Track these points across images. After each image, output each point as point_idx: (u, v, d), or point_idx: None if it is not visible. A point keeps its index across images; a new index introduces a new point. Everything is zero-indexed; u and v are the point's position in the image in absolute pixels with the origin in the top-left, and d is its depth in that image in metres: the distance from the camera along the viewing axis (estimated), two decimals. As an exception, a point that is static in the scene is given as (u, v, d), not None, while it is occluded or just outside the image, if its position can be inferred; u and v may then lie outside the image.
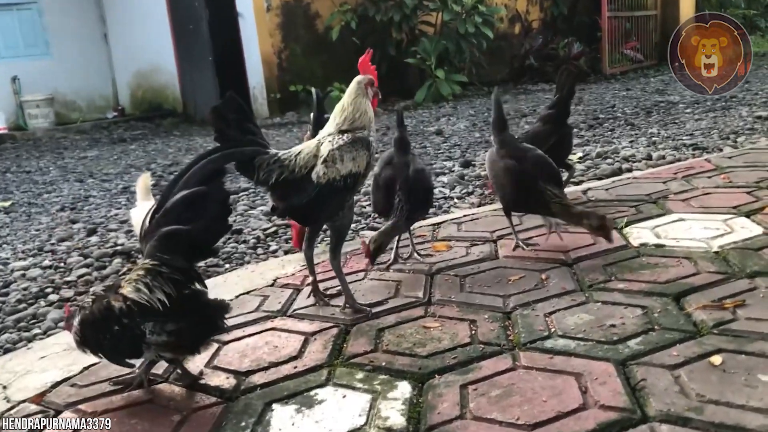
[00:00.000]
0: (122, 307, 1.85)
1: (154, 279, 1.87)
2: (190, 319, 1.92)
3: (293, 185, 2.24)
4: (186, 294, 1.91)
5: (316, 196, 2.23)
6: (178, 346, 1.95)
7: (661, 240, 2.68)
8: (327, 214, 2.32)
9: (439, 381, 1.83)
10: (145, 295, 1.85)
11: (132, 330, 1.87)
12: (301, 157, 2.26)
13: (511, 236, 2.92)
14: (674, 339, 1.88)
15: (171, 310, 1.86)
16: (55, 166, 8.93)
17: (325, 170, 2.22)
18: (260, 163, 2.22)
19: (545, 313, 2.15)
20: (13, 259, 4.30)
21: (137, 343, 1.89)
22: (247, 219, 4.59)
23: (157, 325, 1.88)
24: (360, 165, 2.27)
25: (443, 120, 9.16)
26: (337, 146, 2.25)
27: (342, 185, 2.24)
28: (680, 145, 5.45)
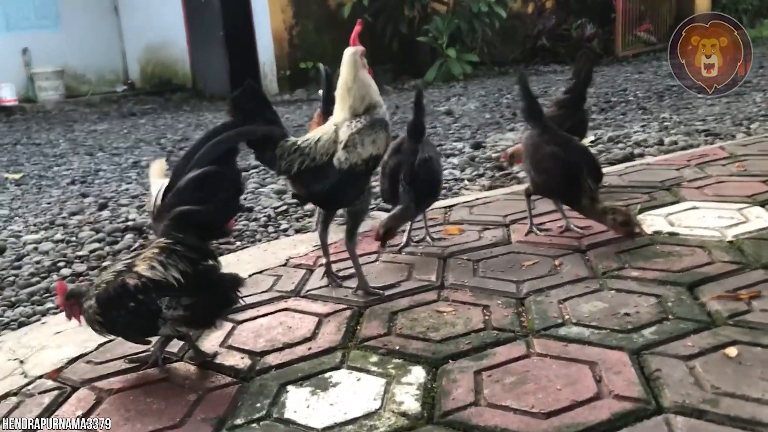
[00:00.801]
0: (137, 284, 1.86)
1: (169, 257, 1.88)
2: (205, 293, 1.93)
3: (315, 173, 2.23)
4: (200, 270, 1.92)
5: (338, 181, 2.22)
6: (194, 320, 1.95)
7: (675, 228, 2.66)
8: (349, 198, 2.31)
9: (453, 366, 1.84)
10: (159, 272, 1.86)
11: (148, 305, 1.87)
12: (321, 144, 2.24)
13: (523, 221, 2.91)
14: (688, 329, 1.88)
15: (186, 285, 1.87)
16: (65, 139, 8.93)
17: (347, 155, 2.21)
18: (281, 153, 2.22)
19: (559, 299, 2.15)
20: (25, 232, 4.32)
21: (153, 319, 1.90)
22: (258, 197, 4.59)
23: (173, 300, 1.88)
24: (380, 147, 2.26)
25: (453, 100, 9.10)
26: (357, 130, 2.23)
27: (363, 169, 2.23)
28: (693, 131, 5.42)
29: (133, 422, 1.76)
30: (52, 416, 1.84)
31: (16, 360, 2.23)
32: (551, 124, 2.86)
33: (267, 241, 3.60)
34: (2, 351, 2.32)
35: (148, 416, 1.78)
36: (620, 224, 2.55)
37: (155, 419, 1.76)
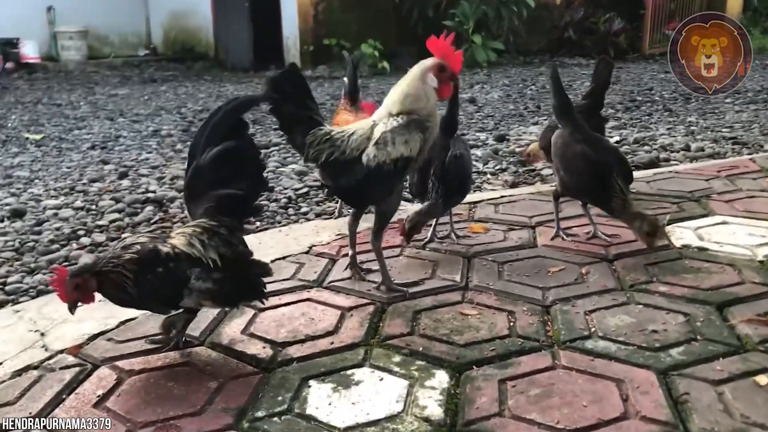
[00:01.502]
0: (169, 252, 1.85)
1: (211, 239, 1.90)
2: (235, 273, 1.94)
3: (343, 166, 2.21)
4: (237, 252, 1.94)
5: (365, 178, 2.19)
6: (220, 296, 1.94)
7: (704, 243, 2.63)
8: (374, 198, 2.29)
9: (477, 373, 1.82)
10: (197, 251, 1.87)
11: (177, 274, 1.86)
12: (354, 139, 2.21)
13: (549, 224, 2.89)
14: (718, 352, 1.86)
15: (221, 266, 1.88)
16: (86, 102, 8.92)
17: (376, 153, 2.17)
18: (312, 141, 2.20)
19: (585, 310, 2.13)
20: (45, 197, 4.33)
21: (179, 288, 1.88)
22: (279, 177, 4.57)
23: (204, 272, 1.88)
24: (412, 149, 2.19)
25: (477, 88, 9.03)
26: (390, 128, 2.18)
27: (392, 169, 2.17)
28: (719, 138, 5.35)
29: (154, 406, 1.76)
30: (73, 393, 1.84)
31: (37, 332, 2.23)
32: (582, 123, 2.82)
33: (287, 223, 3.59)
34: (23, 321, 2.32)
35: (168, 401, 1.78)
36: (646, 233, 2.51)
37: (175, 405, 1.76)
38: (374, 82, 10.07)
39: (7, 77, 11.71)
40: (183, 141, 6.15)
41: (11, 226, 3.73)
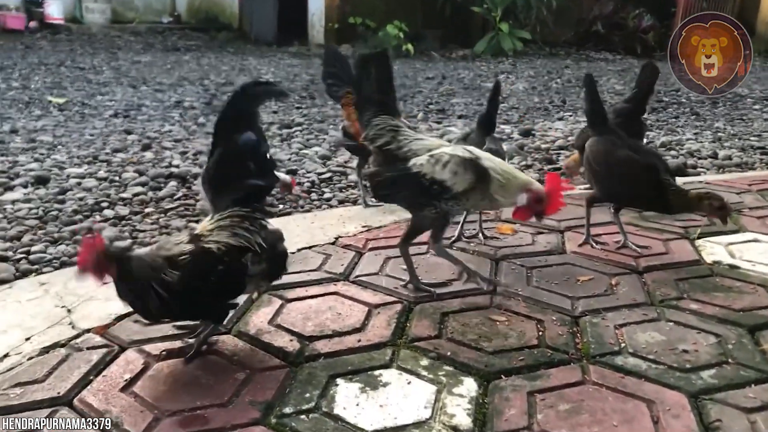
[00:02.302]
0: (220, 248, 1.84)
1: (252, 224, 1.91)
2: (273, 253, 1.97)
3: (392, 158, 2.21)
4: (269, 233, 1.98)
5: (401, 177, 2.18)
6: (272, 274, 2.00)
7: (736, 261, 2.60)
8: (400, 200, 2.27)
9: (505, 383, 1.81)
10: (244, 239, 1.87)
11: (235, 265, 1.87)
12: (417, 142, 2.20)
13: (577, 229, 2.87)
14: (749, 378, 1.84)
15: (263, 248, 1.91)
16: (109, 67, 8.91)
17: (424, 162, 2.15)
18: (378, 124, 2.22)
19: (615, 324, 2.11)
20: (68, 164, 4.33)
21: (242, 277, 1.90)
22: (302, 159, 4.55)
23: (255, 256, 1.90)
24: (455, 183, 2.12)
25: (502, 77, 8.96)
26: (452, 153, 2.15)
27: (426, 185, 2.13)
28: (747, 147, 5.29)
29: (180, 395, 1.76)
30: (100, 375, 1.85)
31: (64, 308, 2.23)
32: (616, 128, 2.78)
33: (310, 208, 3.58)
34: (49, 296, 2.32)
35: (195, 390, 1.78)
36: (717, 209, 2.52)
37: (202, 395, 1.76)
38: (397, 64, 10.01)
39: (31, 36, 11.70)
40: (205, 114, 6.13)
41: (35, 193, 3.74)
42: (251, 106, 2.00)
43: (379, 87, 2.24)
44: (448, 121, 6.08)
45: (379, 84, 2.24)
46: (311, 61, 10.14)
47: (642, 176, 2.56)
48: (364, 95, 2.27)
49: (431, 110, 6.54)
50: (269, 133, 5.33)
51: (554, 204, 2.13)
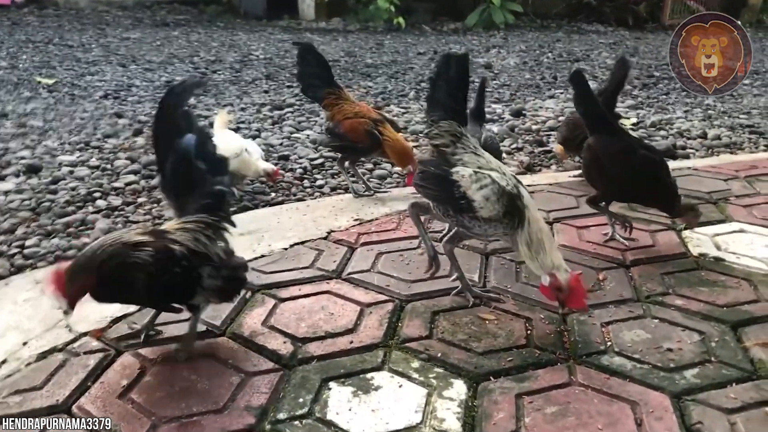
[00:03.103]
0: (184, 252, 1.87)
1: (214, 233, 1.95)
2: (232, 269, 2.00)
3: (440, 157, 2.22)
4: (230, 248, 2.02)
5: (439, 176, 2.19)
6: (224, 293, 2.01)
7: (721, 253, 2.64)
8: (423, 189, 2.27)
9: (494, 385, 1.85)
10: (202, 246, 1.91)
11: (191, 273, 1.89)
12: (473, 157, 2.20)
13: (567, 220, 2.90)
14: (731, 377, 1.88)
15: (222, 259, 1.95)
16: (98, 44, 8.82)
17: (464, 174, 2.14)
18: (442, 125, 2.22)
19: (602, 322, 2.15)
20: (60, 151, 4.32)
21: (194, 287, 1.92)
22: (294, 144, 4.54)
23: (214, 270, 1.92)
24: (482, 207, 2.11)
25: (493, 52, 8.91)
26: (498, 178, 2.12)
27: (457, 196, 2.14)
28: (736, 125, 5.31)
29: (177, 401, 1.79)
30: (98, 381, 1.88)
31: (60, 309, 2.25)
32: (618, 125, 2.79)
33: (302, 196, 3.59)
34: (45, 295, 2.34)
35: (191, 396, 1.82)
36: (694, 219, 2.68)
37: (199, 400, 1.80)
38: (389, 39, 9.94)
39: (17, 12, 11.54)
40: (196, 95, 6.09)
41: (27, 182, 3.74)
42: (179, 106, 2.02)
43: (452, 90, 2.23)
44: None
45: (454, 87, 2.23)
46: (302, 36, 10.05)
47: (653, 174, 2.60)
48: (435, 95, 2.26)
49: (423, 88, 6.50)
50: (260, 116, 5.32)
51: (575, 302, 2.07)
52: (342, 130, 3.31)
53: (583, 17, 11.87)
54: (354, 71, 7.35)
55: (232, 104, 5.69)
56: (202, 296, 1.97)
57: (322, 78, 3.46)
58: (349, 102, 3.42)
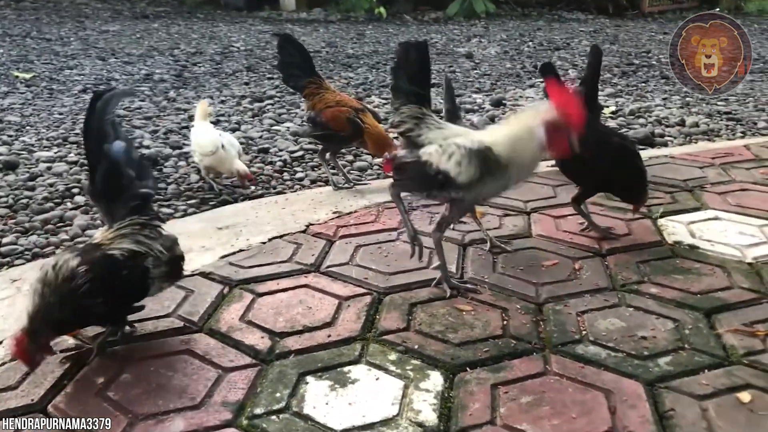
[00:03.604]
0: (124, 254, 1.91)
1: (151, 232, 2.00)
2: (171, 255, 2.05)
3: (410, 143, 2.25)
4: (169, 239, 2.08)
5: (411, 163, 2.23)
6: (172, 276, 2.09)
7: (696, 240, 2.66)
8: (405, 182, 2.31)
9: (470, 376, 1.86)
10: (145, 246, 1.95)
11: (138, 270, 1.94)
12: (437, 132, 2.22)
13: (544, 210, 2.91)
14: (704, 363, 1.90)
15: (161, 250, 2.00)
16: (77, 38, 8.73)
17: (431, 152, 2.17)
18: (405, 111, 2.25)
19: (578, 311, 2.17)
20: (38, 147, 4.28)
21: (145, 280, 1.97)
22: (274, 136, 4.52)
23: (156, 260, 1.97)
24: (459, 173, 2.12)
25: (474, 41, 8.90)
26: (461, 143, 2.14)
27: (431, 173, 2.16)
28: (714, 112, 5.34)
29: (155, 398, 1.79)
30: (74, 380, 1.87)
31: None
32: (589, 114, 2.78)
33: (282, 189, 3.58)
34: (21, 294, 2.33)
35: (168, 392, 1.81)
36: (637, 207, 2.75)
37: (176, 397, 1.80)
38: (370, 29, 9.90)
39: (-6, 5, 11.39)
40: (176, 88, 6.06)
41: (4, 179, 3.70)
42: (107, 113, 2.03)
43: (412, 76, 2.26)
44: (420, 91, 6.04)
45: (414, 73, 2.27)
46: (283, 27, 9.99)
47: (639, 164, 2.63)
48: (397, 84, 2.30)
49: (403, 79, 6.49)
50: (240, 108, 5.29)
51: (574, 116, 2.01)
52: (323, 119, 3.30)
53: (564, 5, 11.88)
54: (335, 62, 7.33)
55: (212, 97, 5.66)
56: (155, 287, 2.03)
57: (303, 68, 3.45)
58: (330, 91, 3.41)
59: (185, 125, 4.70)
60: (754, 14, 11.72)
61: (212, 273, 2.44)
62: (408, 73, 2.27)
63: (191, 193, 3.51)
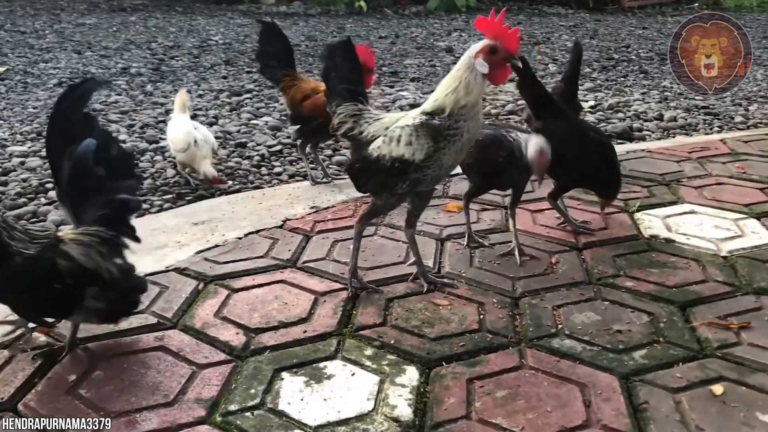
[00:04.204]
0: (71, 268, 1.79)
1: (111, 250, 1.86)
2: (123, 290, 1.92)
3: (357, 144, 2.20)
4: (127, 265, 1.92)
5: (365, 163, 2.16)
6: (108, 315, 1.94)
7: (672, 234, 2.68)
8: (367, 186, 2.25)
9: (446, 371, 1.86)
10: (93, 261, 1.81)
11: (75, 293, 1.82)
12: (376, 124, 2.18)
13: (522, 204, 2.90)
14: (678, 357, 1.92)
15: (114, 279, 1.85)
16: (52, 30, 8.63)
17: (380, 144, 2.12)
18: (342, 112, 2.21)
19: (553, 305, 2.18)
20: (11, 141, 4.22)
21: (72, 307, 1.85)
22: (252, 131, 4.49)
23: (100, 292, 1.85)
24: (414, 153, 2.07)
25: (455, 36, 8.90)
26: (404, 125, 2.10)
27: (388, 166, 2.10)
28: (692, 106, 5.38)
29: (127, 395, 1.77)
30: (45, 377, 1.85)
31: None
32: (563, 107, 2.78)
33: (260, 184, 3.56)
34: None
35: (141, 389, 1.80)
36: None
37: (148, 394, 1.78)
38: (350, 23, 9.87)
39: (-33, -3, 11.22)
40: (153, 81, 6.00)
41: (-24, 175, 3.65)
42: (78, 110, 1.94)
43: (342, 76, 2.23)
44: (401, 85, 6.04)
45: (343, 73, 2.24)
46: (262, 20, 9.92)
47: (613, 159, 2.65)
48: (330, 86, 2.27)
49: (384, 73, 6.48)
50: (218, 102, 5.25)
51: (506, 36, 2.00)
52: (305, 112, 3.27)
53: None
54: (315, 56, 7.28)
55: (190, 91, 5.61)
56: (81, 316, 1.90)
57: (281, 60, 3.43)
58: (305, 81, 3.39)
59: (162, 119, 4.65)
60: (731, 9, 11.82)
61: (187, 269, 2.42)
62: (338, 74, 2.24)
63: (167, 188, 3.48)
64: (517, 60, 2.08)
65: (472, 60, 2.03)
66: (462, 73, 2.05)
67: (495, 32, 2.03)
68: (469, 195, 2.63)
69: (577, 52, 3.15)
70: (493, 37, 2.02)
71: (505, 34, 2.02)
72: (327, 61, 2.29)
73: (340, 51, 2.25)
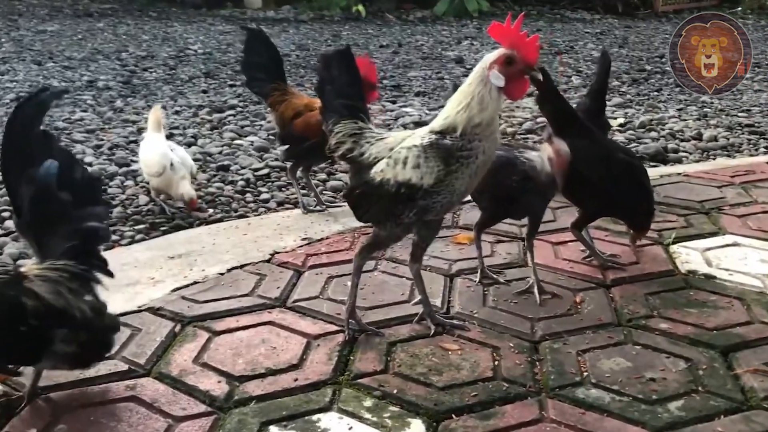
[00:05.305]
0: (38, 307, 1.80)
1: (81, 286, 1.89)
2: (96, 332, 1.94)
3: (357, 167, 2.23)
4: (99, 304, 1.95)
5: (365, 189, 2.20)
6: (79, 360, 1.97)
7: (713, 269, 2.72)
8: (368, 215, 2.28)
9: (456, 424, 1.89)
10: (63, 300, 1.83)
11: (40, 335, 1.83)
12: (380, 144, 2.21)
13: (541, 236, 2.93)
14: (719, 408, 1.94)
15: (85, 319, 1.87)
16: (9, 38, 8.76)
17: (384, 168, 2.15)
18: (340, 131, 2.24)
19: (578, 350, 2.21)
20: (-38, 165, 4.26)
21: (41, 351, 1.86)
22: (235, 152, 4.55)
23: (70, 333, 1.87)
24: (423, 178, 2.09)
25: (465, 44, 9.03)
26: (411, 145, 2.13)
27: (393, 191, 2.13)
28: (735, 124, 5.44)
29: (94, 453, 1.80)
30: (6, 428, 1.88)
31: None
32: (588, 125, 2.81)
33: (244, 212, 3.61)
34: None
35: (111, 446, 1.82)
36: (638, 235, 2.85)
37: (118, 451, 1.81)
38: (347, 29, 10.01)
39: None
40: (123, 96, 6.09)
41: (-75, 203, 3.69)
42: (33, 127, 1.96)
43: (340, 90, 2.27)
44: (404, 100, 6.12)
45: (341, 86, 2.27)
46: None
47: (644, 183, 2.70)
48: (326, 101, 2.30)
49: (385, 86, 6.56)
50: (197, 120, 5.33)
51: (525, 45, 2.04)
52: (297, 131, 3.32)
53: (567, 3, 12.07)
54: (306, 67, 7.39)
55: (165, 107, 5.68)
56: (49, 361, 1.91)
57: (270, 71, 3.48)
58: (297, 95, 3.45)
59: (133, 139, 4.72)
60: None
61: (162, 308, 2.45)
62: (335, 87, 2.27)
63: (139, 217, 3.53)
64: (536, 72, 2.13)
65: (486, 72, 2.08)
66: (475, 87, 2.09)
67: (512, 40, 2.07)
68: (481, 225, 2.67)
69: (605, 63, 3.21)
70: (510, 45, 2.07)
71: (523, 43, 2.07)
72: (322, 72, 2.32)
73: (337, 61, 2.29)
